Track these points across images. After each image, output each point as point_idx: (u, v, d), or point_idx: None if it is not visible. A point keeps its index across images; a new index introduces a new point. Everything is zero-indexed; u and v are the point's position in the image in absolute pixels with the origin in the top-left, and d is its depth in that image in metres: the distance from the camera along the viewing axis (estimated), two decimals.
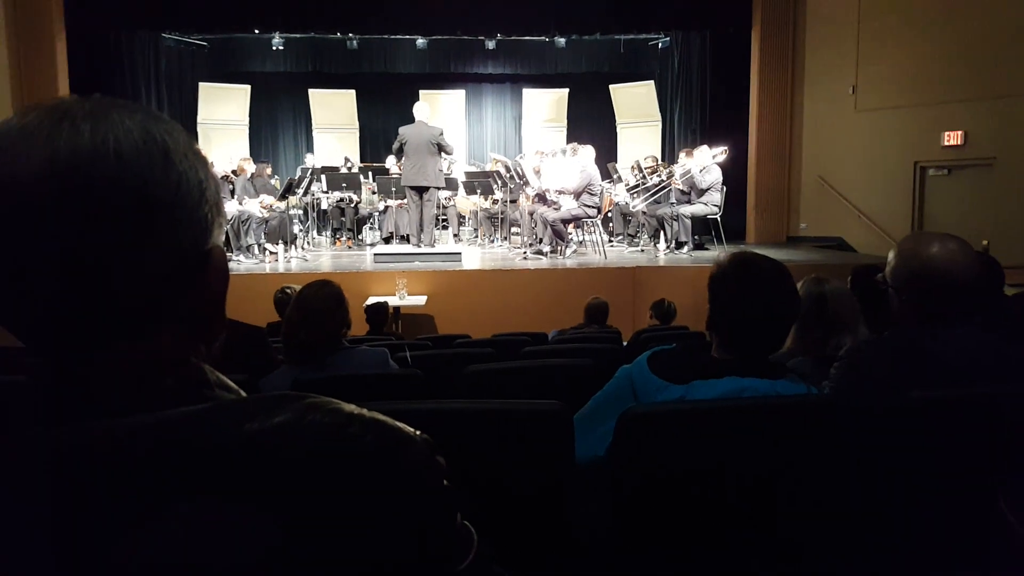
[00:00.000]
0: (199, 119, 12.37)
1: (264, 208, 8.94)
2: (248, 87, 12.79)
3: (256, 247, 8.65)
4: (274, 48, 13.23)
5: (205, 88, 12.46)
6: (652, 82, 12.93)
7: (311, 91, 13.32)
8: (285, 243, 8.70)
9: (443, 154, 8.68)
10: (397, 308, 7.10)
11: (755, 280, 1.53)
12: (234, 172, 9.10)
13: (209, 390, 0.61)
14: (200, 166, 0.61)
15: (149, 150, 0.57)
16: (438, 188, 8.79)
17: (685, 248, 8.82)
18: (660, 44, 13.06)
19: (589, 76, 13.95)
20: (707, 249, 9.42)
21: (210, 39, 12.96)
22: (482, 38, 13.10)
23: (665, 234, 9.05)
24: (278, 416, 0.56)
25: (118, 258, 0.56)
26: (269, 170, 10.37)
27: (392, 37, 13.34)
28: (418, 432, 0.61)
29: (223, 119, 12.55)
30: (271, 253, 8.60)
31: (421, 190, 8.49)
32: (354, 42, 13.30)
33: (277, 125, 14.42)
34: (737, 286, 1.54)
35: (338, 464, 0.55)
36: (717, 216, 8.80)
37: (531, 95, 13.72)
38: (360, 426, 0.58)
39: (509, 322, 6.81)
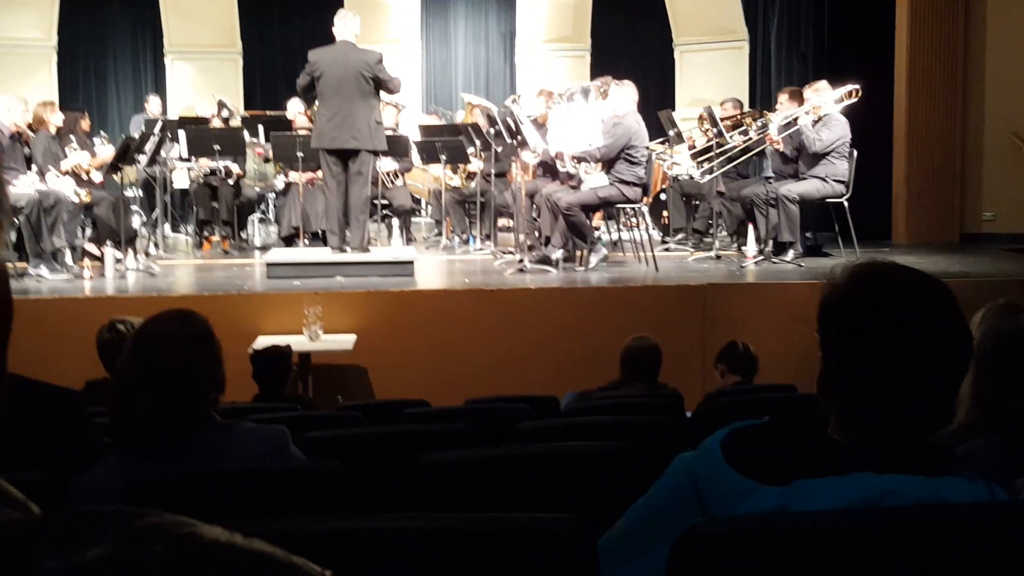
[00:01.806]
0: None
1: (82, 185, 8.93)
2: None
3: (69, 252, 8.63)
4: None
5: None
6: None
7: None
8: (118, 245, 8.70)
9: (383, 95, 8.71)
10: (306, 356, 7.08)
11: (896, 310, 1.54)
12: (30, 127, 9.11)
13: None
14: None
15: None
16: (374, 153, 8.83)
17: (790, 253, 8.86)
18: None
19: None
20: (827, 255, 9.45)
21: None
22: None
23: (756, 230, 9.10)
24: (93, 548, 0.56)
25: None
26: (87, 123, 10.39)
27: None
28: (328, 573, 0.62)
29: (13, 37, 12.58)
30: (94, 260, 8.59)
31: (346, 156, 8.52)
32: None
33: (105, 47, 14.47)
34: (867, 321, 1.55)
35: None
36: (843, 199, 8.86)
37: None
38: (229, 565, 0.58)
39: (494, 379, 6.77)
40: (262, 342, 6.50)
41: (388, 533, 1.50)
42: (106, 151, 9.57)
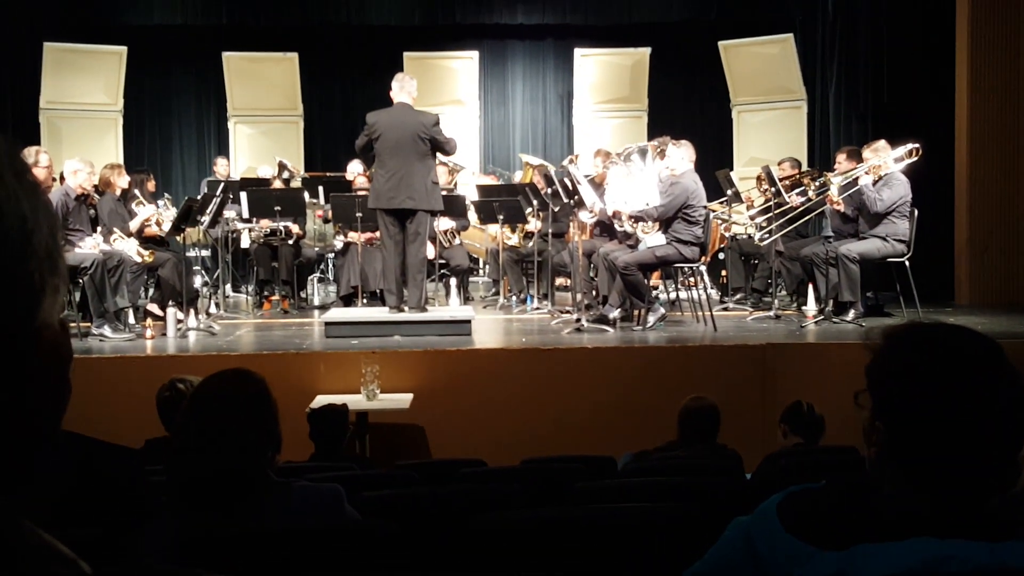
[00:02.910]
0: (43, 102, 12.77)
1: (147, 245, 9.08)
2: (123, 49, 13.23)
3: (131, 312, 8.77)
4: None
5: (53, 52, 12.90)
6: (791, 36, 13.09)
7: (226, 55, 13.73)
8: (180, 305, 8.83)
9: (439, 156, 8.80)
10: (363, 415, 7.10)
11: (936, 369, 1.53)
12: (96, 189, 9.30)
13: (23, 562, 0.62)
14: (26, 194, 0.64)
15: None
16: (432, 213, 8.90)
17: (851, 313, 8.77)
18: None
19: (684, 26, 14.18)
20: (889, 315, 9.33)
21: None
22: None
23: (816, 289, 9.01)
24: None
25: None
26: (152, 184, 10.61)
27: None
28: None
29: (82, 102, 12.96)
30: (156, 320, 8.72)
31: (404, 216, 8.60)
32: None
33: (171, 111, 14.82)
34: (907, 382, 1.53)
35: None
36: (904, 259, 8.76)
37: (588, 59, 13.96)
38: None
39: (552, 439, 6.75)
40: (320, 401, 6.53)
41: None
42: (170, 214, 9.76)
